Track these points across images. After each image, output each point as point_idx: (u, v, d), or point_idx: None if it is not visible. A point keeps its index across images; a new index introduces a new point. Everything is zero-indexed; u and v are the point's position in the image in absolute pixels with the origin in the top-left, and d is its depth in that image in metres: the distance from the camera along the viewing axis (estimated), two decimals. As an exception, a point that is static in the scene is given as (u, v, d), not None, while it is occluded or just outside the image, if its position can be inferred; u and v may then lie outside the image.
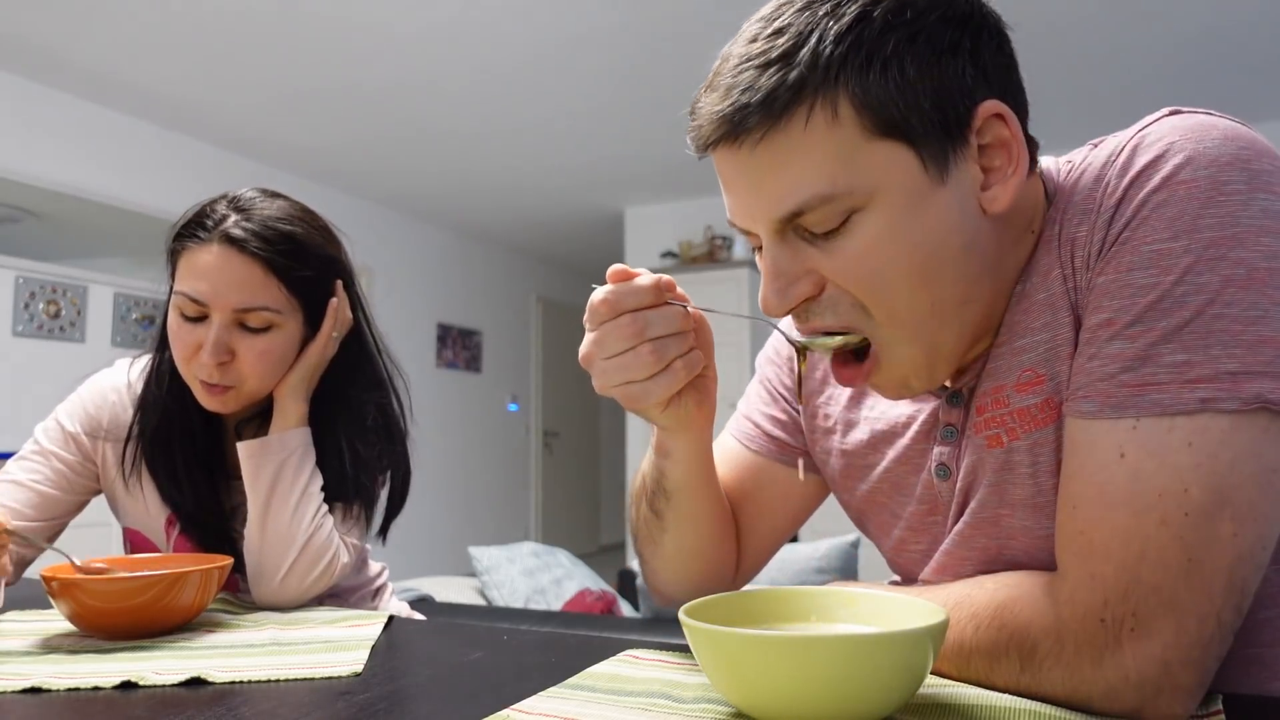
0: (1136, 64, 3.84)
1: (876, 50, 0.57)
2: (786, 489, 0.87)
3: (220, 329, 1.01)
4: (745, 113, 0.58)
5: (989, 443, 0.66)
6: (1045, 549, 0.63)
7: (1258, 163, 0.55)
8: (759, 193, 0.61)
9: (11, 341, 3.73)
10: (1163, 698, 0.52)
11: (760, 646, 0.50)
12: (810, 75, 0.57)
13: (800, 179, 0.59)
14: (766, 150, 0.59)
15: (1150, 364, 0.54)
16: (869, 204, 0.59)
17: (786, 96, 0.57)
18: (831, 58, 0.57)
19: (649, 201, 5.93)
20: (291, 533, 1.01)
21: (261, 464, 1.03)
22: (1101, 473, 0.55)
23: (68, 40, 3.46)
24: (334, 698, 0.63)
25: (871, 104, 0.57)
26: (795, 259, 0.62)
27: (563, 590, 2.75)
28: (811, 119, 0.57)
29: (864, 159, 0.58)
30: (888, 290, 0.61)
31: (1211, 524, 0.52)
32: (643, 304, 0.64)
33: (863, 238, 0.59)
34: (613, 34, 3.52)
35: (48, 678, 0.67)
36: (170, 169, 4.37)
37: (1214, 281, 0.53)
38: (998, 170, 0.61)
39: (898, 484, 0.76)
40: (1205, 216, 0.54)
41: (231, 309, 1.01)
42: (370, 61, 3.71)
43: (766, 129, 0.58)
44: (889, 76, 0.57)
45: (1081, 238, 0.60)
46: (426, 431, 6.43)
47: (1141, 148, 0.58)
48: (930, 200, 0.59)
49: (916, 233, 0.59)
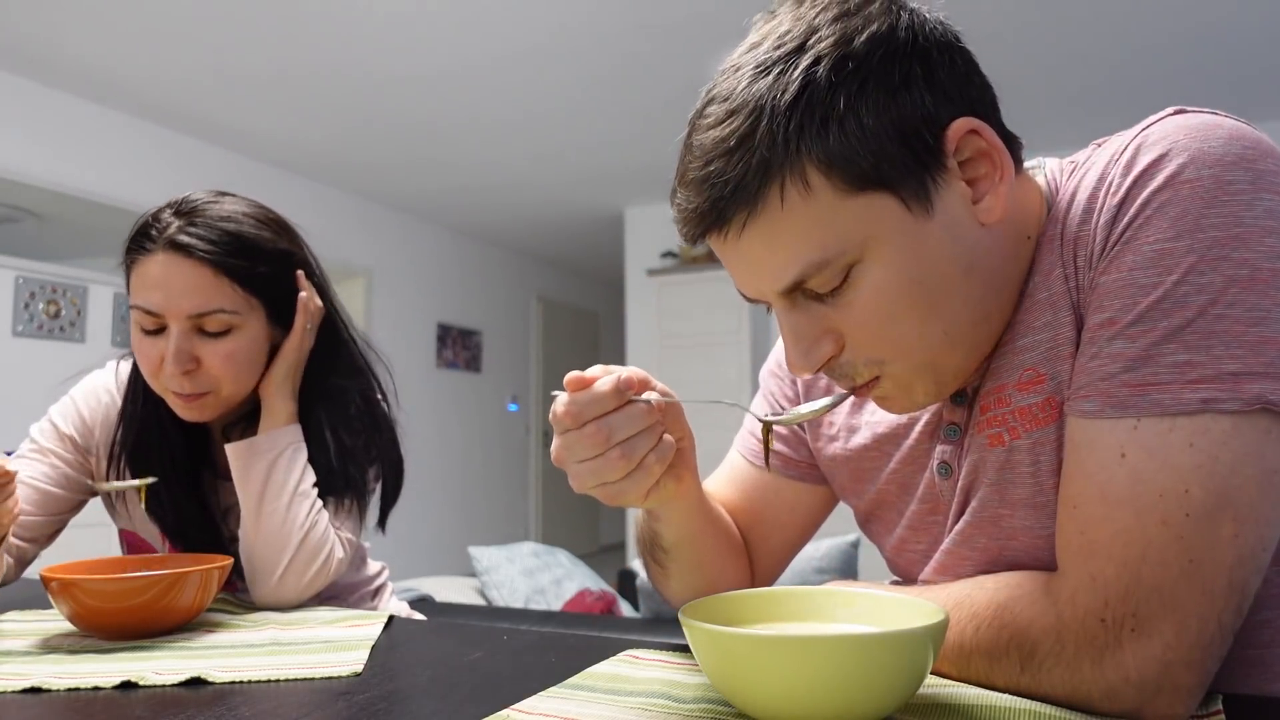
0: (1139, 63, 3.84)
1: (830, 111, 0.57)
2: (794, 502, 0.88)
3: (179, 338, 0.99)
4: (721, 206, 0.59)
5: (990, 441, 0.66)
6: (1045, 549, 0.63)
7: (1263, 163, 0.55)
8: (757, 272, 0.62)
9: (11, 341, 3.73)
10: (1163, 698, 0.52)
11: (760, 646, 0.50)
12: (772, 154, 0.57)
13: (791, 254, 0.59)
14: (752, 235, 0.60)
15: (1152, 364, 0.54)
16: (865, 255, 0.59)
17: (756, 182, 0.58)
18: (789, 132, 0.57)
19: (649, 201, 5.93)
20: (286, 532, 1.00)
21: (250, 465, 1.02)
22: (1102, 473, 0.55)
23: (68, 40, 3.46)
24: (334, 698, 0.63)
25: (838, 163, 0.57)
26: (811, 321, 0.63)
27: (563, 590, 2.75)
28: (786, 196, 0.58)
29: (846, 217, 0.58)
30: (903, 330, 0.61)
31: (1213, 525, 0.52)
32: (605, 410, 0.62)
33: (868, 288, 0.60)
34: (613, 33, 3.52)
35: (48, 678, 0.67)
36: (171, 169, 4.37)
37: (1217, 281, 0.53)
38: (985, 179, 0.61)
39: (904, 484, 0.76)
40: (1209, 216, 0.54)
41: (186, 315, 0.99)
42: (375, 61, 3.71)
43: (746, 217, 0.59)
44: (847, 132, 0.57)
45: (1084, 237, 0.60)
46: (426, 431, 6.46)
47: (1145, 147, 0.58)
48: (922, 235, 0.59)
49: (915, 269, 0.60)
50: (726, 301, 5.35)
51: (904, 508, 0.77)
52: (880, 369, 0.64)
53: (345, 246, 5.43)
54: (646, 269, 5.74)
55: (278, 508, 1.01)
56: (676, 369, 5.45)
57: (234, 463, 1.03)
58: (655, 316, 5.59)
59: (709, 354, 5.38)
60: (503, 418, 7.08)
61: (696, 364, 5.41)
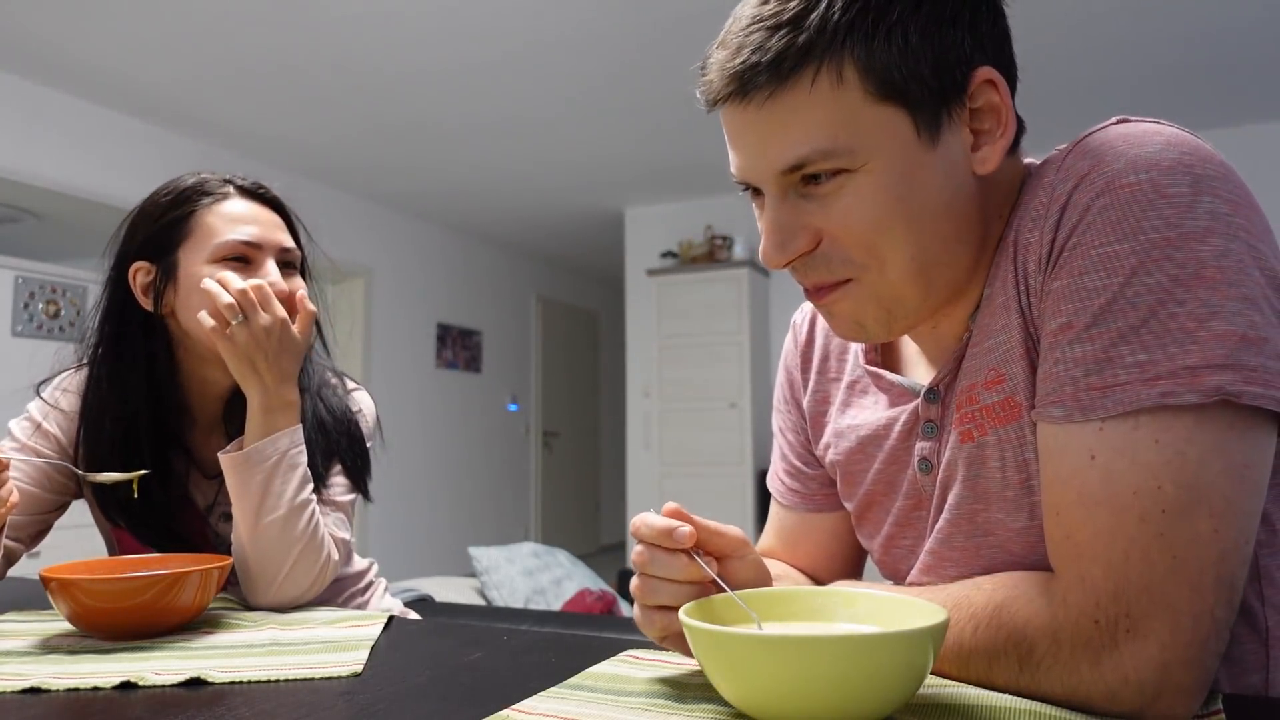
0: (1147, 60, 3.84)
1: (882, 17, 0.60)
2: (832, 531, 0.90)
3: (274, 271, 1.03)
4: (754, 72, 0.61)
5: (962, 438, 0.68)
6: (1019, 542, 0.65)
7: (1200, 168, 0.57)
8: (764, 147, 0.64)
9: (11, 341, 3.73)
10: (1164, 699, 0.52)
11: (760, 646, 0.50)
12: (818, 39, 0.60)
13: (803, 134, 0.62)
14: (772, 108, 0.62)
15: (1113, 365, 0.55)
16: (865, 164, 0.62)
17: (795, 59, 0.60)
18: (839, 23, 0.60)
19: (649, 201, 5.93)
20: (285, 544, 0.98)
21: (249, 475, 0.99)
22: (1076, 476, 0.56)
23: (68, 40, 3.46)
24: (334, 698, 0.63)
25: (875, 69, 0.60)
26: (795, 215, 0.65)
27: (563, 590, 2.75)
28: (817, 81, 0.61)
29: (864, 121, 0.61)
30: (877, 241, 0.64)
31: (1190, 522, 0.52)
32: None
33: (857, 195, 0.62)
34: (613, 33, 3.52)
35: (47, 678, 0.67)
36: (171, 169, 4.34)
37: (1163, 281, 0.54)
38: (987, 133, 0.64)
39: (890, 482, 0.78)
40: (1148, 219, 0.55)
41: (280, 247, 1.05)
42: (375, 61, 3.71)
43: (774, 88, 0.61)
44: (893, 43, 0.60)
45: (1033, 243, 0.62)
46: (426, 431, 6.47)
47: (1085, 154, 0.60)
48: (921, 161, 0.62)
49: (904, 189, 0.62)
50: (726, 301, 5.35)
51: (890, 505, 0.78)
52: (853, 272, 0.65)
53: (345, 246, 5.43)
54: (646, 269, 5.75)
55: (275, 520, 0.98)
56: (676, 369, 5.46)
57: (229, 474, 0.99)
58: (655, 316, 5.59)
59: (708, 354, 5.38)
60: (503, 418, 7.08)
61: (696, 364, 5.41)
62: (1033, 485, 0.63)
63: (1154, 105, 4.22)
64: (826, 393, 0.86)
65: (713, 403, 5.29)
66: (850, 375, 0.83)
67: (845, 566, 0.91)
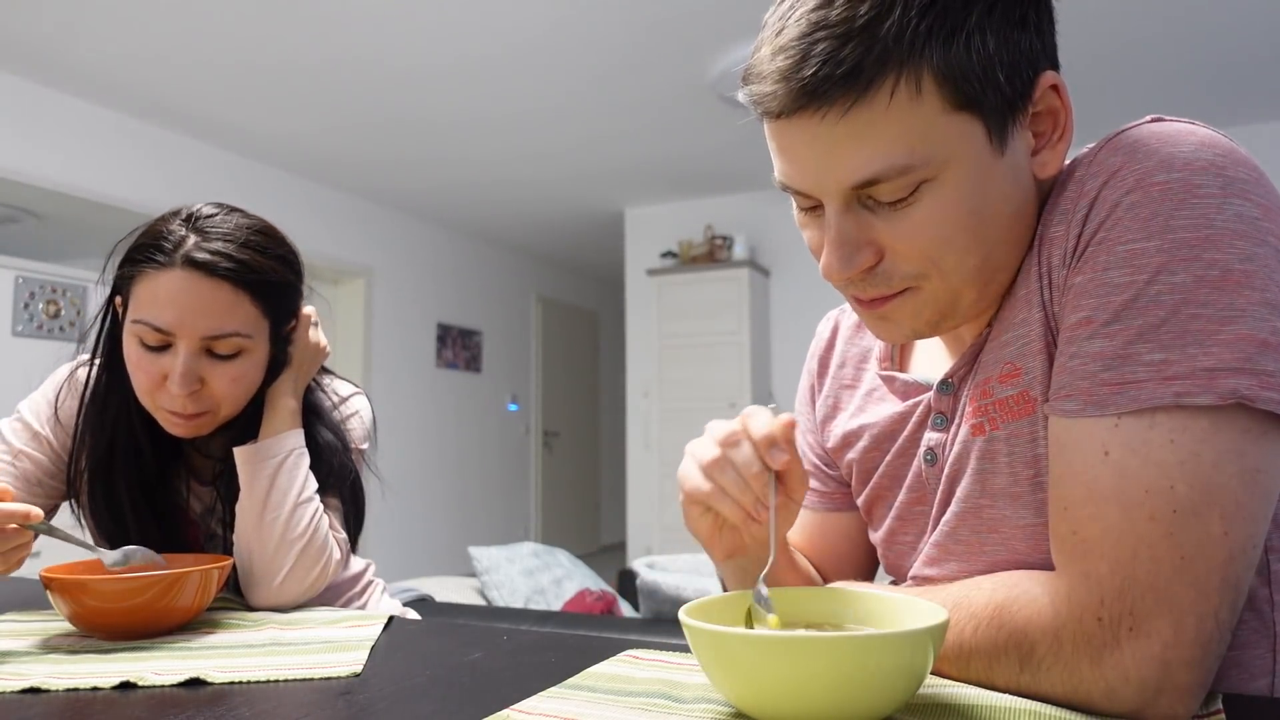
0: (1172, 58, 3.83)
1: (960, 22, 0.57)
2: (846, 531, 0.90)
3: (188, 358, 0.95)
4: (828, 84, 0.57)
5: (973, 431, 0.67)
6: (1023, 541, 0.64)
7: (1233, 170, 0.56)
8: (833, 162, 0.60)
9: (11, 341, 3.73)
10: (1164, 698, 0.52)
11: (760, 646, 0.50)
12: (896, 48, 0.57)
13: (879, 151, 0.59)
14: (849, 123, 0.58)
15: (1130, 362, 0.55)
16: (939, 175, 0.60)
17: (873, 70, 0.57)
18: (917, 30, 0.57)
19: (649, 201, 5.93)
20: (289, 539, 1.00)
21: (258, 469, 1.02)
22: (1088, 472, 0.56)
23: (68, 40, 3.45)
24: (334, 698, 0.63)
25: (954, 77, 0.58)
26: (860, 228, 0.62)
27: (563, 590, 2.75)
28: (896, 94, 0.57)
29: (940, 133, 0.59)
30: (947, 253, 0.62)
31: (1201, 522, 0.52)
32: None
33: (929, 208, 0.60)
34: (613, 31, 3.52)
35: (47, 678, 0.67)
36: (171, 169, 4.37)
37: (1187, 281, 0.54)
38: (1045, 136, 0.63)
39: (895, 476, 0.78)
40: (1178, 217, 0.55)
41: (200, 337, 0.95)
42: (375, 59, 3.71)
43: (851, 102, 0.58)
44: (972, 49, 0.57)
45: (1059, 238, 0.62)
46: (426, 431, 6.46)
47: (1117, 150, 0.59)
48: (992, 169, 0.61)
49: (977, 200, 0.61)
50: (726, 302, 5.34)
51: (893, 499, 0.78)
52: (915, 282, 0.64)
53: (345, 246, 5.43)
54: (646, 269, 5.74)
55: (280, 514, 1.01)
56: (676, 369, 5.46)
57: (241, 467, 1.02)
58: (655, 316, 5.59)
59: (708, 354, 5.38)
60: (503, 418, 7.08)
61: (696, 364, 5.41)
62: (1041, 482, 0.63)
63: (1169, 105, 4.22)
64: (838, 399, 0.87)
65: (713, 403, 5.29)
66: (868, 385, 0.83)
67: (861, 566, 0.91)
